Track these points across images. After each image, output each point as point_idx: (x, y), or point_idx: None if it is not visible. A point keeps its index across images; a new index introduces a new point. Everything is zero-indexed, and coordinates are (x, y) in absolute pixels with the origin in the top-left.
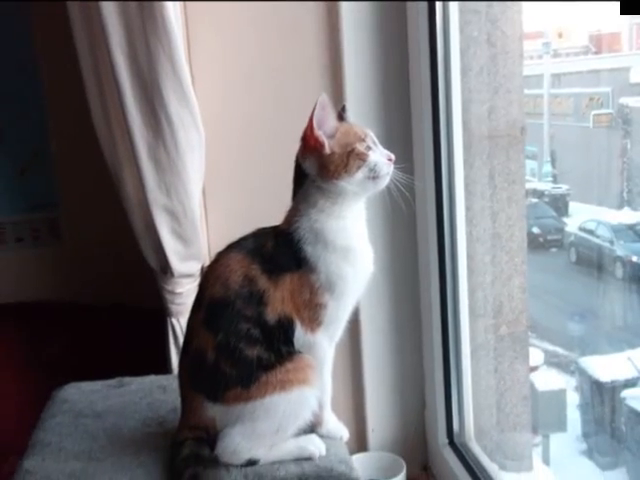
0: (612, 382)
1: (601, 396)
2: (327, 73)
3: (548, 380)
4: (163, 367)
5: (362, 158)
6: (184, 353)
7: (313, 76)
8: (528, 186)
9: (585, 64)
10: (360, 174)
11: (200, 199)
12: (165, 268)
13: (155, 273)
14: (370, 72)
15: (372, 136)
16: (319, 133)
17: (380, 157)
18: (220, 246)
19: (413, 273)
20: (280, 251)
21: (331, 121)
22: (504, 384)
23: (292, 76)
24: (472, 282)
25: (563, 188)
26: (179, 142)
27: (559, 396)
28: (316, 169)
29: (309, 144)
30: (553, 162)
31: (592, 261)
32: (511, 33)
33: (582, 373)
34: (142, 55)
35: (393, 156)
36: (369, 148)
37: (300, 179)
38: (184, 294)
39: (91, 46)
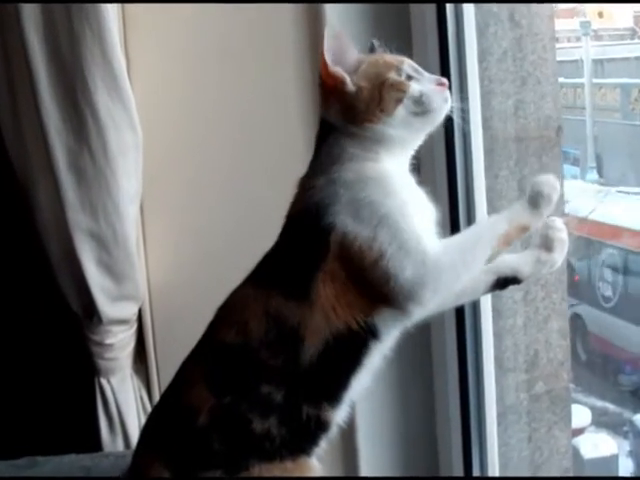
0: None
1: None
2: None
3: (597, 444)
4: (89, 442)
5: (401, 89)
6: (160, 406)
7: (278, 65)
8: None
9: (632, 49)
10: (402, 111)
11: (137, 220)
12: (90, 312)
13: (78, 318)
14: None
15: (413, 64)
16: (336, 69)
17: (428, 85)
18: (163, 282)
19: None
20: (297, 248)
21: (351, 54)
22: (540, 455)
23: (251, 65)
24: (498, 326)
25: None
26: (109, 147)
27: (609, 463)
28: (342, 114)
29: (328, 86)
30: (599, 169)
31: None
32: (539, 10)
33: (637, 434)
34: (62, 32)
35: (445, 80)
36: (410, 77)
37: (324, 137)
38: (116, 346)
39: None
